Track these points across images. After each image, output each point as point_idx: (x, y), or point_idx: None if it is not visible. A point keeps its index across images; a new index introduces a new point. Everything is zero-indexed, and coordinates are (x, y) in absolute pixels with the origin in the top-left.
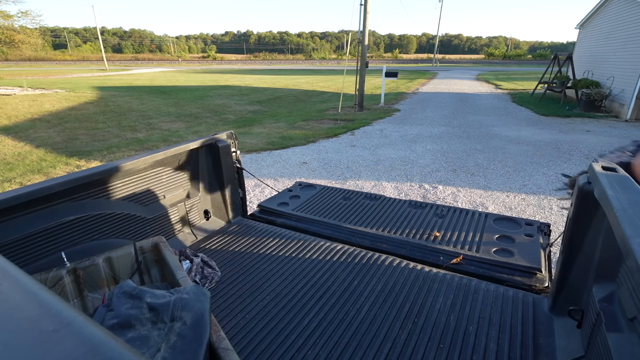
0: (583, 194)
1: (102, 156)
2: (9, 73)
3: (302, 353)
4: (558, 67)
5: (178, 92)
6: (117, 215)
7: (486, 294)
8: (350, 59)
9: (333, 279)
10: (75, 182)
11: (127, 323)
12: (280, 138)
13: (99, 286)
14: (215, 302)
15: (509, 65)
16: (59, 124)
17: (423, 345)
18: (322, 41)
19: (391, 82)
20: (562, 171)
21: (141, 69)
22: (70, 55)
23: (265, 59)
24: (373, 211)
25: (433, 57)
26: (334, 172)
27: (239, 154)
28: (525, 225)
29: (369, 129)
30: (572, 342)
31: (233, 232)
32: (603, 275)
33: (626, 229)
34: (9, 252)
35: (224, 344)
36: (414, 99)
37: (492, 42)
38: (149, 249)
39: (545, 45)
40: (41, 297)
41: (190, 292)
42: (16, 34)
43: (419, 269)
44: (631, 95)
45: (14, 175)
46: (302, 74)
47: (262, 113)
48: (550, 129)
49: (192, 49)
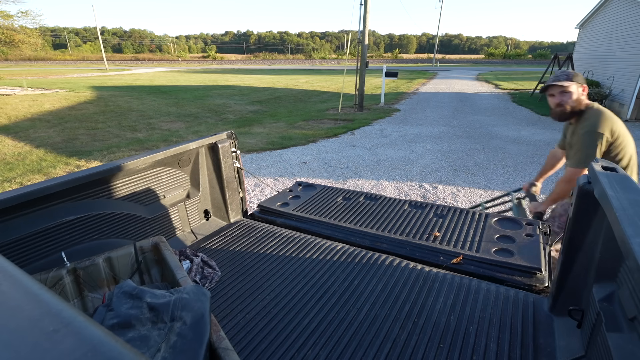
0: (583, 194)
1: (102, 156)
2: (9, 73)
3: (302, 353)
4: (558, 67)
5: (178, 92)
6: (117, 215)
7: (486, 294)
8: (350, 59)
9: (333, 279)
10: (75, 182)
11: (127, 323)
12: (280, 138)
13: (99, 286)
14: (215, 302)
15: (509, 65)
16: (59, 124)
17: (423, 345)
18: (322, 41)
19: (391, 82)
20: (561, 171)
21: (141, 68)
22: (70, 55)
23: (265, 58)
24: (373, 211)
25: (433, 57)
26: (334, 172)
27: (239, 154)
28: (526, 225)
29: (369, 129)
30: (572, 342)
31: (233, 232)
32: (603, 275)
33: (626, 229)
34: (9, 252)
35: (224, 344)
36: (414, 99)
37: (492, 42)
38: (149, 249)
39: (545, 45)
40: (41, 297)
41: (190, 292)
42: (16, 33)
43: (419, 269)
44: (631, 95)
45: (14, 175)
46: (302, 74)
47: (262, 113)
48: (551, 129)
49: (192, 49)
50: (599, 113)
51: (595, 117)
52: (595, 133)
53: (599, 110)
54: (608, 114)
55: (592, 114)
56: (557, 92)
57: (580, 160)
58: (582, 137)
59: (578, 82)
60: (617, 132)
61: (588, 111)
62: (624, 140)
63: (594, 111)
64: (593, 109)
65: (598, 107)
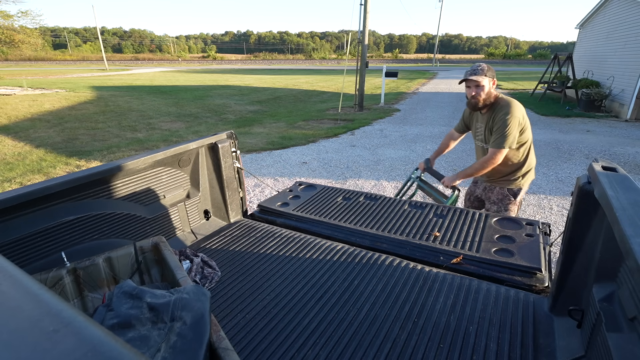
0: (583, 194)
1: (102, 156)
2: (9, 73)
3: (302, 353)
4: (558, 67)
5: (178, 92)
6: (117, 215)
7: (486, 294)
8: (350, 59)
9: (333, 279)
10: (75, 182)
11: (127, 323)
12: (280, 138)
13: (99, 286)
14: (215, 302)
15: (508, 65)
16: (59, 124)
17: (423, 345)
18: (322, 41)
19: (391, 82)
20: (561, 171)
21: (141, 68)
22: (70, 55)
23: (265, 58)
24: (373, 211)
25: (433, 57)
26: (334, 172)
27: (239, 154)
28: (526, 225)
29: (369, 129)
30: (572, 342)
31: (233, 232)
32: (603, 275)
33: (626, 229)
34: (9, 252)
35: (224, 344)
36: (414, 99)
37: (492, 42)
38: (149, 249)
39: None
40: (41, 297)
41: (190, 292)
42: (16, 33)
43: (419, 269)
44: (631, 95)
45: (14, 175)
46: (302, 73)
47: (262, 113)
48: (551, 129)
49: (192, 49)
50: (511, 102)
51: (509, 105)
52: (513, 117)
53: (510, 100)
54: (517, 103)
55: (505, 104)
56: (473, 85)
57: (501, 141)
58: (502, 122)
59: (490, 76)
60: (525, 118)
61: (500, 101)
62: (527, 124)
63: (505, 101)
64: (504, 99)
65: (507, 97)
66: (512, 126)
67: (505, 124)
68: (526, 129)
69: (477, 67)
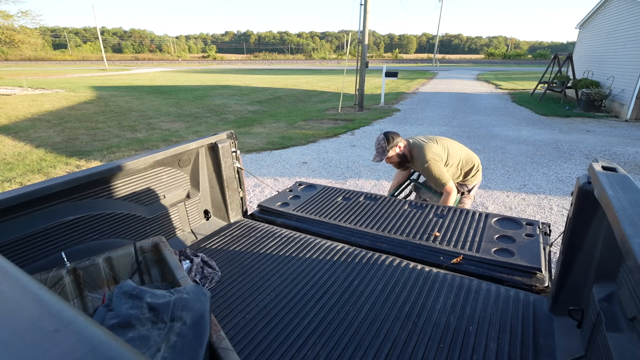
0: (583, 194)
1: (102, 156)
2: (9, 73)
3: (302, 353)
4: (558, 67)
5: (178, 92)
6: (117, 215)
7: (486, 294)
8: (350, 59)
9: (333, 279)
10: (75, 182)
11: (127, 323)
12: (280, 138)
13: (99, 286)
14: (215, 302)
15: (509, 65)
16: (59, 124)
17: (423, 345)
18: (322, 41)
19: (391, 82)
20: (561, 171)
21: (141, 69)
22: (70, 55)
23: (265, 58)
24: (373, 211)
25: (433, 57)
26: (334, 172)
27: (239, 154)
28: (526, 225)
29: (369, 129)
30: (572, 342)
31: (233, 232)
32: (603, 275)
33: (626, 229)
34: (9, 252)
35: (224, 344)
36: (414, 99)
37: (492, 42)
38: (149, 249)
39: (545, 45)
40: (41, 297)
41: (190, 292)
42: (16, 33)
43: (419, 269)
44: (631, 95)
45: (14, 175)
46: (302, 73)
47: (262, 113)
48: (551, 129)
49: (192, 49)
50: (421, 148)
51: (421, 154)
52: (430, 162)
53: (420, 146)
54: (428, 145)
55: (417, 154)
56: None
57: (439, 184)
58: (427, 172)
59: (392, 146)
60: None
61: (413, 152)
62: (447, 152)
63: (417, 150)
64: (416, 148)
65: (418, 143)
66: (435, 169)
67: (429, 172)
68: (450, 156)
69: (377, 146)
